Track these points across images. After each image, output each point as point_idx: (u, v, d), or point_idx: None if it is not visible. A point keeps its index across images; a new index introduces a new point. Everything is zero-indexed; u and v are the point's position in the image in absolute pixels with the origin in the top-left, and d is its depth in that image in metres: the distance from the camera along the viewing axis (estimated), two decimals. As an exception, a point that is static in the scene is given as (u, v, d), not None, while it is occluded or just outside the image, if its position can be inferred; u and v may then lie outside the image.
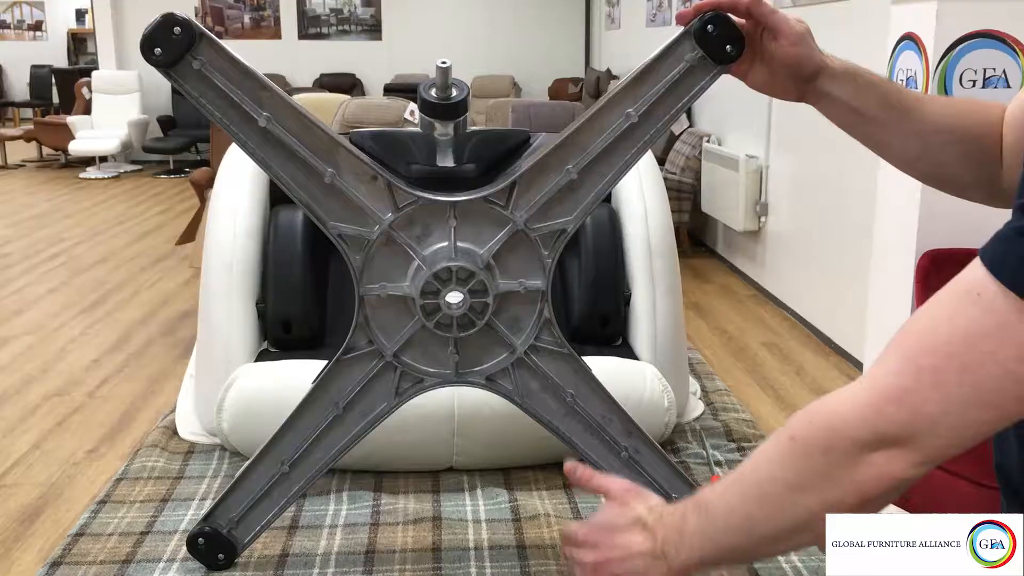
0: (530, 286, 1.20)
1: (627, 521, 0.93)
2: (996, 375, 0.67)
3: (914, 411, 0.70)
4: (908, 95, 1.02)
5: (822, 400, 0.77)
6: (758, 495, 0.80)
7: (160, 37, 1.07)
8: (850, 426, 0.73)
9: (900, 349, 0.71)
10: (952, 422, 0.69)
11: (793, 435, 0.78)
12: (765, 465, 0.80)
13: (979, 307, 0.67)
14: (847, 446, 0.73)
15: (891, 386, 0.71)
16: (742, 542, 0.84)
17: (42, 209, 7.74)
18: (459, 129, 1.23)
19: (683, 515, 0.88)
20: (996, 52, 2.61)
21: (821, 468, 0.75)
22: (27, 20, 14.52)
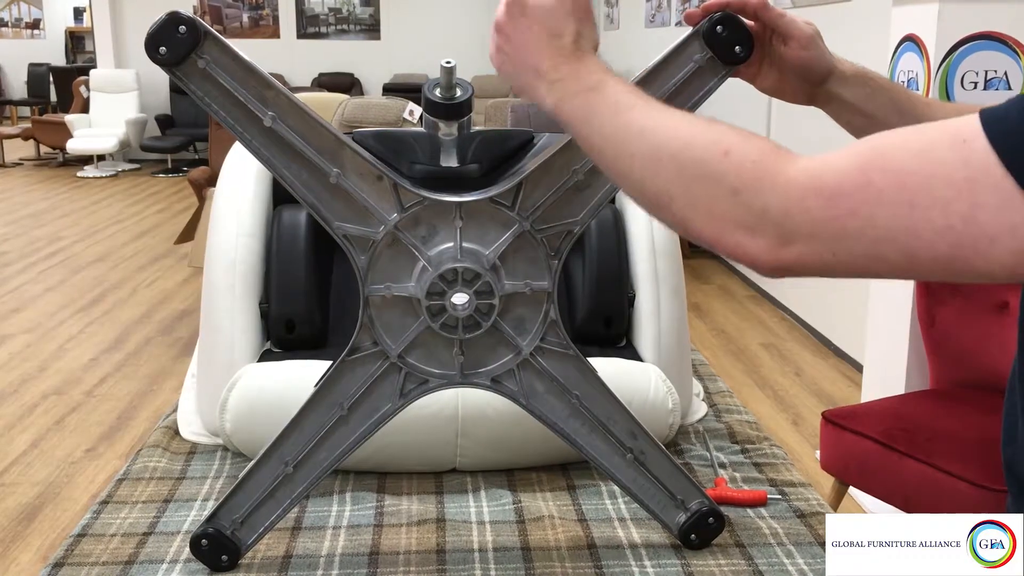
0: (536, 287, 1.19)
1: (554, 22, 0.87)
2: (936, 224, 0.63)
3: (833, 217, 0.66)
4: (918, 100, 1.02)
5: (778, 149, 0.72)
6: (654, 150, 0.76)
7: (165, 36, 1.06)
8: (770, 191, 0.69)
9: (859, 157, 0.67)
10: (857, 246, 0.66)
11: (729, 151, 0.72)
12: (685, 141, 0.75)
13: (958, 153, 0.63)
14: (753, 205, 0.70)
15: (832, 182, 0.67)
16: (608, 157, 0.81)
17: (40, 208, 7.74)
18: (463, 129, 1.23)
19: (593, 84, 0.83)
20: (997, 54, 2.61)
21: (715, 195, 0.72)
22: (25, 18, 14.50)
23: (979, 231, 0.62)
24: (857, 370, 3.78)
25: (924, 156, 0.64)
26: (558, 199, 1.16)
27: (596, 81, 0.83)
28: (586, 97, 0.82)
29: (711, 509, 1.27)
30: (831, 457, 2.33)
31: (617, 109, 0.80)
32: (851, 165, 0.67)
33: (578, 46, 0.87)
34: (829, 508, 1.41)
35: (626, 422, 1.25)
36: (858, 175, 0.66)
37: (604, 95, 0.82)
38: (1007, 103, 0.64)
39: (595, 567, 1.24)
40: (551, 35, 0.86)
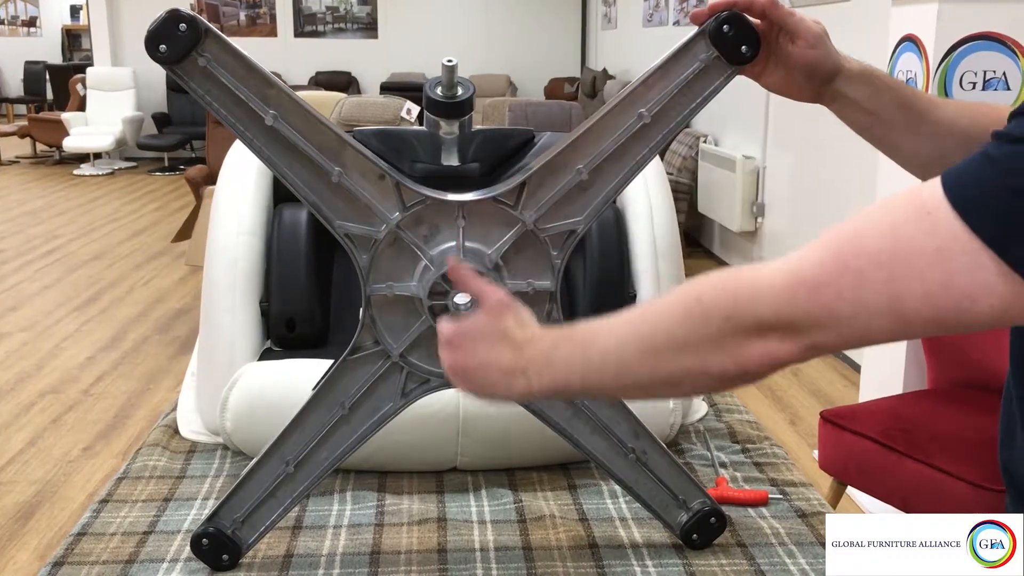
0: (539, 287, 1.19)
1: (496, 332, 0.92)
2: (917, 294, 0.67)
3: (824, 306, 0.70)
4: (923, 98, 1.01)
5: (739, 269, 0.77)
6: (641, 344, 0.80)
7: (165, 34, 1.06)
8: (758, 303, 0.73)
9: (833, 243, 0.71)
10: (856, 324, 0.70)
11: (700, 296, 0.77)
12: (659, 318, 0.80)
13: (924, 225, 0.67)
14: (748, 321, 0.74)
15: (812, 276, 0.71)
16: (609, 383, 0.84)
17: (36, 206, 7.72)
18: (464, 128, 1.22)
19: (555, 342, 0.88)
20: (996, 54, 2.61)
21: (714, 333, 0.75)
22: (21, 16, 14.47)
23: (958, 293, 0.66)
24: (855, 370, 3.78)
25: (893, 233, 0.68)
26: (561, 199, 1.16)
27: (553, 341, 0.87)
28: (557, 355, 0.86)
29: (713, 509, 1.27)
30: (829, 457, 2.33)
31: (585, 346, 0.84)
32: (826, 254, 0.71)
33: (523, 331, 0.91)
34: (830, 508, 1.41)
35: (627, 422, 1.25)
36: (834, 262, 0.70)
37: (569, 343, 0.86)
38: (964, 163, 0.67)
39: (596, 567, 1.24)
40: (496, 341, 0.91)
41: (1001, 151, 0.65)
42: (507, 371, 0.90)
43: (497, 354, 0.90)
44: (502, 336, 0.91)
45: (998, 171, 0.65)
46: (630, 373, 0.81)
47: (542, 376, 0.87)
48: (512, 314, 0.93)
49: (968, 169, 0.67)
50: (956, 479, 2.03)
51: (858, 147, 4.17)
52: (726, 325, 0.75)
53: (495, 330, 0.92)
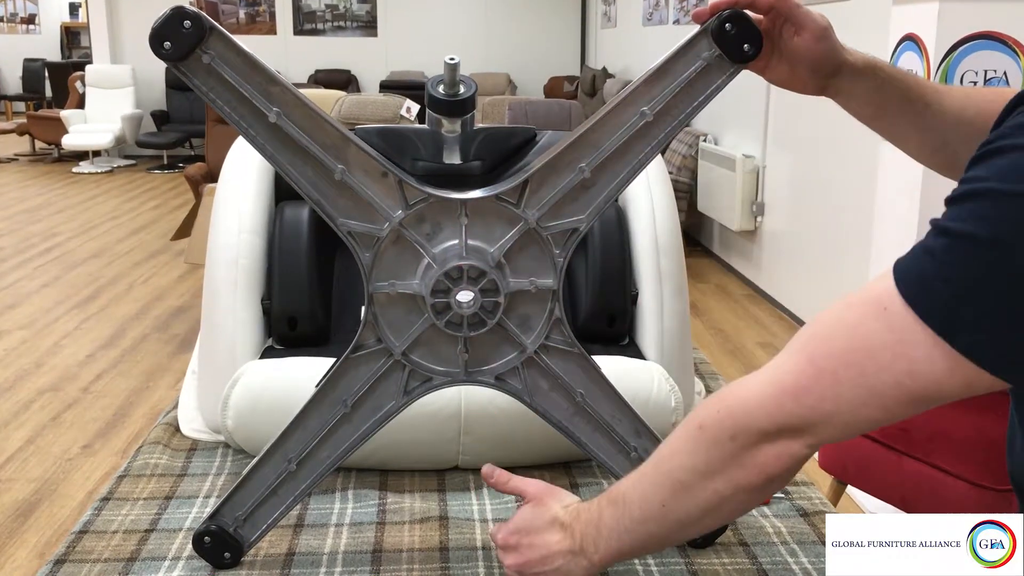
0: (541, 285, 1.19)
1: (544, 521, 0.98)
2: (888, 384, 0.72)
3: (811, 408, 0.76)
4: (928, 87, 1.02)
5: (729, 389, 0.84)
6: (670, 483, 0.87)
7: (170, 31, 1.06)
8: (753, 417, 0.79)
9: (806, 349, 0.77)
10: (844, 418, 0.76)
11: (702, 424, 0.83)
12: (676, 454, 0.87)
13: (882, 321, 0.71)
14: (751, 434, 0.80)
15: (792, 384, 0.77)
16: (657, 530, 0.90)
17: (35, 204, 7.72)
18: (466, 126, 1.22)
19: (599, 510, 0.94)
20: (997, 53, 2.62)
21: (727, 453, 0.81)
22: (20, 13, 14.45)
23: (925, 380, 0.71)
24: (854, 369, 3.78)
25: (856, 331, 0.73)
26: (564, 197, 1.16)
27: (597, 510, 0.94)
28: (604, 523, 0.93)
29: (714, 508, 1.27)
30: (829, 456, 2.33)
31: (625, 501, 0.91)
32: (800, 361, 0.77)
33: (568, 511, 0.98)
34: (831, 507, 1.41)
35: (630, 420, 1.25)
36: (809, 367, 0.76)
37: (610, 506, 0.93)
38: (910, 255, 0.72)
39: (598, 565, 1.24)
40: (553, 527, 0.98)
41: (937, 244, 0.69)
42: (566, 553, 0.95)
43: (552, 541, 0.96)
44: (551, 523, 0.98)
45: (936, 264, 0.69)
46: (671, 514, 0.88)
47: (598, 548, 0.93)
48: (554, 499, 1.01)
49: (913, 262, 0.71)
50: (956, 478, 2.03)
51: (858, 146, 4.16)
52: (735, 444, 0.81)
53: (543, 519, 0.98)
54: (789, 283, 4.81)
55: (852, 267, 3.93)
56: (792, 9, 1.00)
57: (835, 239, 4.19)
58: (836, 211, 4.16)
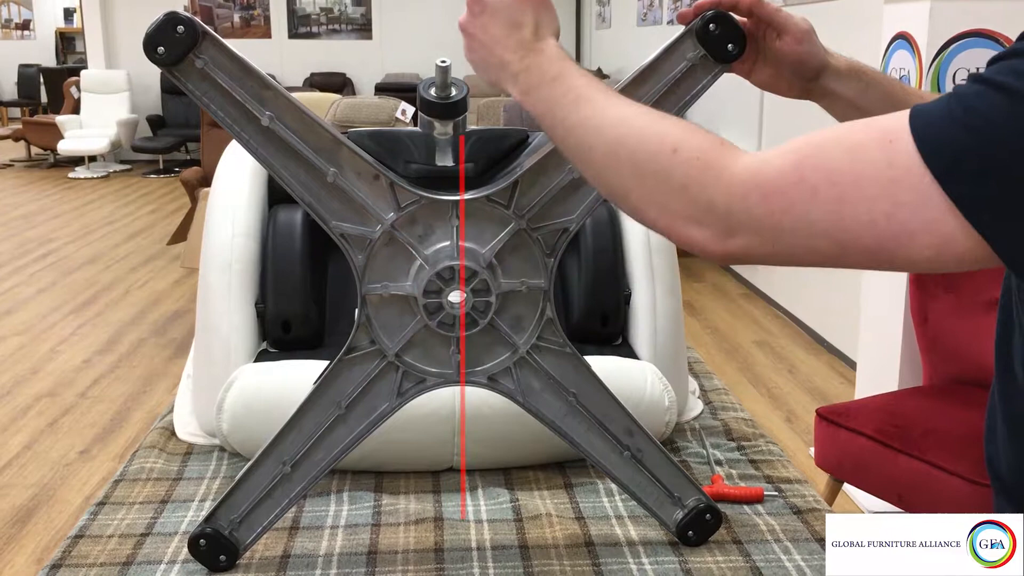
0: (532, 285, 1.20)
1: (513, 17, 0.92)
2: (862, 219, 0.68)
3: (771, 212, 0.71)
4: (912, 93, 1.02)
5: (722, 146, 0.77)
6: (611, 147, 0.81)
7: (163, 36, 1.06)
8: (715, 188, 0.74)
9: (796, 155, 0.72)
10: (794, 239, 0.71)
11: (677, 149, 0.77)
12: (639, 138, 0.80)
13: (884, 153, 0.67)
14: (699, 200, 0.75)
15: (770, 179, 0.72)
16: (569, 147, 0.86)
17: (31, 209, 7.71)
18: (458, 128, 1.23)
19: (554, 76, 0.88)
20: (989, 51, 2.62)
21: (666, 190, 0.77)
22: (15, 19, 14.45)
23: (899, 227, 0.66)
24: (850, 367, 3.79)
25: (854, 154, 0.68)
26: (553, 197, 1.17)
27: (557, 71, 0.87)
28: (549, 88, 0.87)
29: (708, 506, 1.28)
30: (825, 454, 2.34)
31: (577, 101, 0.84)
32: (787, 163, 0.71)
33: (538, 36, 0.91)
34: (826, 505, 1.42)
35: (623, 420, 1.26)
36: (793, 173, 0.70)
37: (565, 86, 0.86)
38: (935, 100, 0.68)
39: (593, 565, 1.24)
40: (512, 28, 0.91)
41: (968, 90, 0.66)
42: (503, 63, 0.91)
43: (503, 42, 0.91)
44: (517, 26, 0.91)
45: (961, 108, 0.65)
46: (587, 157, 0.83)
47: (525, 93, 0.89)
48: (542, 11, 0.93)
49: (935, 105, 0.67)
50: (951, 475, 2.04)
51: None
52: (680, 193, 0.76)
53: (514, 17, 0.92)
54: (785, 282, 4.81)
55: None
56: (773, 13, 1.01)
57: (830, 238, 4.20)
58: (831, 210, 4.17)
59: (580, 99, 0.84)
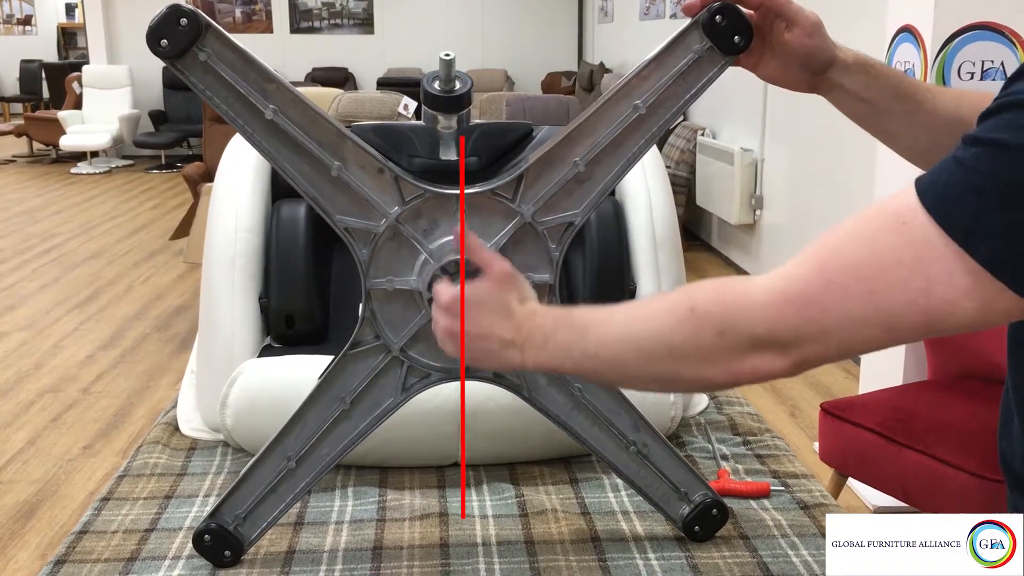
0: (538, 279, 1.19)
1: (497, 303, 0.95)
2: (900, 302, 0.69)
3: (811, 320, 0.73)
4: (920, 87, 1.01)
5: (732, 281, 0.80)
6: (636, 344, 0.83)
7: (166, 29, 1.06)
8: (749, 320, 0.76)
9: (815, 259, 0.73)
10: (844, 335, 0.73)
11: (694, 307, 0.79)
12: (656, 322, 0.82)
13: (902, 236, 0.68)
14: (741, 337, 0.76)
15: (798, 292, 0.73)
16: (603, 373, 0.88)
17: (33, 205, 7.71)
18: (462, 122, 1.22)
19: (554, 324, 0.91)
20: (994, 44, 2.61)
21: (707, 346, 0.78)
22: (16, 14, 14.44)
23: (939, 299, 0.67)
24: (855, 362, 3.78)
25: (872, 245, 0.70)
26: (559, 191, 1.16)
27: (552, 322, 0.91)
28: (555, 339, 0.90)
29: (714, 501, 1.27)
30: (830, 449, 2.34)
31: (584, 331, 0.87)
32: (809, 270, 0.73)
33: (525, 307, 0.95)
34: (832, 499, 1.41)
35: (628, 415, 1.25)
36: (818, 278, 0.72)
37: (567, 328, 0.89)
38: (936, 168, 0.69)
39: (599, 560, 1.24)
40: (500, 311, 0.95)
41: (967, 153, 0.67)
42: (504, 343, 0.93)
43: (498, 326, 0.93)
44: (504, 308, 0.94)
45: (965, 173, 0.66)
46: (624, 370, 0.85)
47: (538, 354, 0.91)
48: (515, 287, 0.96)
49: (939, 174, 0.68)
50: (956, 469, 2.03)
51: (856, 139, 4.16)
52: (720, 340, 0.77)
53: (498, 301, 0.95)
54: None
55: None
56: (783, 5, 1.00)
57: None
58: (835, 203, 4.16)
59: (586, 328, 0.87)
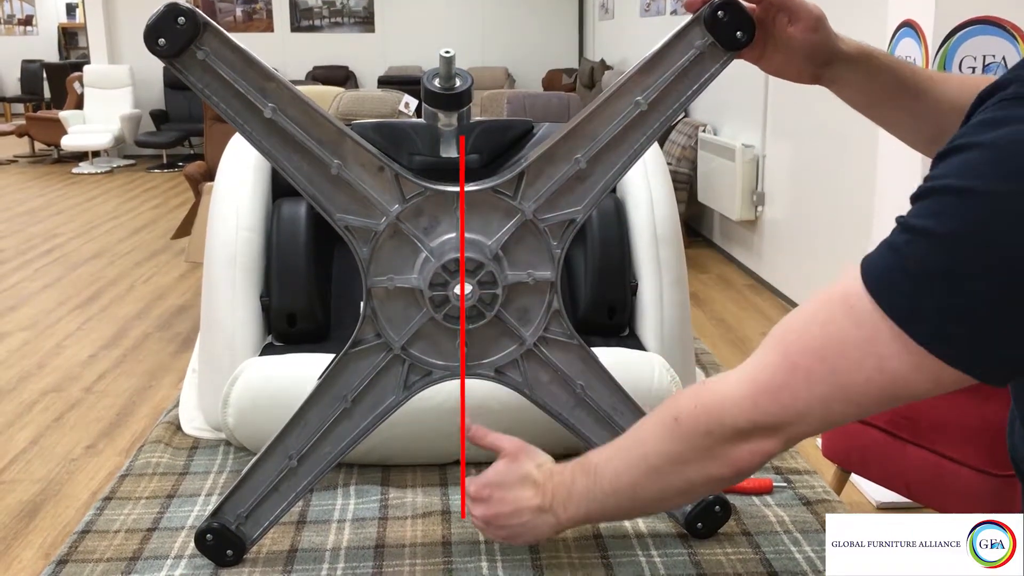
0: (539, 277, 1.19)
1: (517, 477, 1.02)
2: (859, 380, 0.73)
3: (785, 406, 0.77)
4: (923, 75, 1.01)
5: (705, 384, 0.86)
6: (643, 466, 0.90)
7: (164, 27, 1.05)
8: (729, 415, 0.81)
9: (780, 346, 0.78)
10: (818, 414, 0.77)
11: (677, 416, 0.85)
12: (650, 439, 0.89)
13: (851, 318, 0.72)
14: (726, 431, 0.82)
15: (767, 381, 0.78)
16: (626, 504, 0.95)
17: (35, 205, 7.72)
18: (463, 119, 1.22)
19: (572, 475, 0.98)
20: (995, 38, 2.61)
21: (702, 446, 0.84)
22: (17, 15, 14.44)
23: (892, 375, 0.71)
24: (857, 357, 3.77)
25: (827, 328, 0.74)
26: (560, 188, 1.16)
27: (571, 473, 0.99)
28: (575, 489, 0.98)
29: (717, 498, 1.27)
30: (833, 445, 2.34)
31: (596, 477, 0.95)
32: (776, 356, 0.78)
33: (541, 470, 1.03)
34: (835, 496, 1.41)
35: (631, 412, 1.25)
36: (784, 364, 0.77)
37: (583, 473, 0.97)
38: (877, 250, 0.73)
39: (602, 557, 1.24)
40: (522, 482, 1.02)
41: (900, 239, 0.70)
42: (536, 511, 1.00)
43: (525, 498, 1.01)
44: (523, 478, 1.02)
45: (899, 258, 0.70)
46: (640, 493, 0.91)
47: (567, 509, 0.98)
48: (528, 457, 1.04)
49: (878, 258, 0.72)
50: (960, 465, 2.03)
51: (858, 134, 4.15)
52: (709, 439, 0.83)
53: (516, 475, 1.02)
54: (790, 272, 4.80)
55: (854, 254, 3.93)
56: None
57: (836, 227, 4.18)
58: (836, 199, 4.16)
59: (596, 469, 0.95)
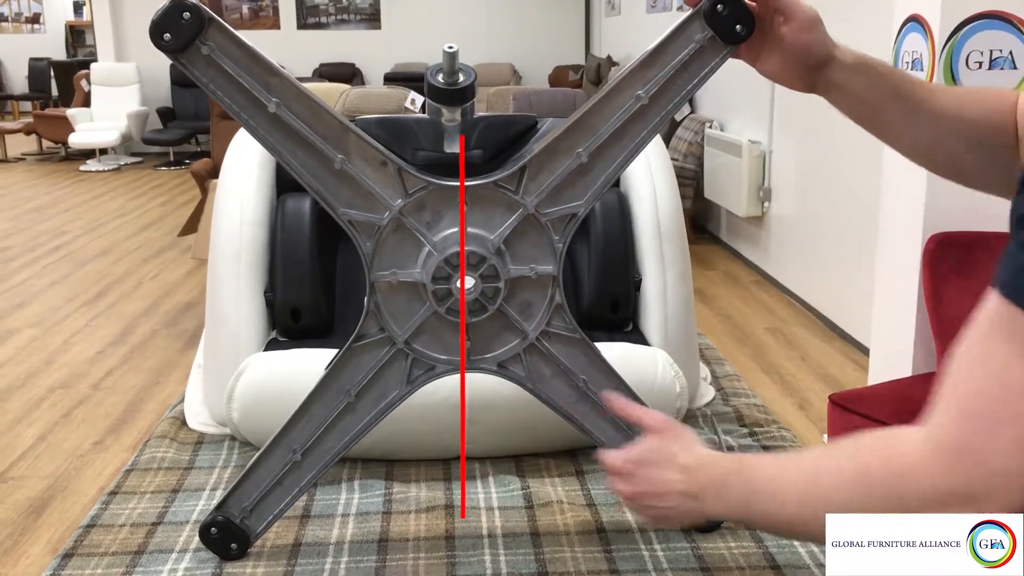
0: (541, 271, 1.19)
1: (666, 457, 0.97)
2: None
3: (979, 463, 0.68)
4: (920, 86, 1.01)
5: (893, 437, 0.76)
6: (812, 504, 0.81)
7: (169, 23, 1.06)
8: (921, 481, 0.72)
9: (952, 400, 0.71)
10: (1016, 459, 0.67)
11: (871, 471, 0.77)
12: (831, 481, 0.80)
13: (1013, 343, 0.66)
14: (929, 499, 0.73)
15: (950, 442, 0.70)
16: (777, 526, 0.86)
17: (43, 202, 7.73)
18: (466, 115, 1.22)
19: (725, 475, 0.91)
20: (1002, 33, 2.59)
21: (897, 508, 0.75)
22: (25, 12, 14.48)
23: None
24: (863, 354, 3.77)
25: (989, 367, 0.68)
26: (562, 182, 1.16)
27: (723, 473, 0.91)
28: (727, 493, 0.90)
29: (720, 492, 1.27)
30: (838, 435, 2.33)
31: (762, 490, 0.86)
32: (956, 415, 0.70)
33: (690, 455, 0.95)
34: (838, 489, 1.41)
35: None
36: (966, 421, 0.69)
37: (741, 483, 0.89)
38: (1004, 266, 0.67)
39: (605, 551, 1.24)
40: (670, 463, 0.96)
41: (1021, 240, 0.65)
42: (683, 496, 0.94)
43: (673, 481, 0.95)
44: (671, 460, 0.96)
45: None
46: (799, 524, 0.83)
47: (716, 505, 0.92)
48: (675, 438, 0.99)
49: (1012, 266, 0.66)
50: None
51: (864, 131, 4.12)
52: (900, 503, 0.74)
53: (665, 455, 0.97)
54: (797, 268, 4.79)
55: (861, 251, 3.92)
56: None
57: (843, 223, 4.18)
58: (843, 195, 4.15)
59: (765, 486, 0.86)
